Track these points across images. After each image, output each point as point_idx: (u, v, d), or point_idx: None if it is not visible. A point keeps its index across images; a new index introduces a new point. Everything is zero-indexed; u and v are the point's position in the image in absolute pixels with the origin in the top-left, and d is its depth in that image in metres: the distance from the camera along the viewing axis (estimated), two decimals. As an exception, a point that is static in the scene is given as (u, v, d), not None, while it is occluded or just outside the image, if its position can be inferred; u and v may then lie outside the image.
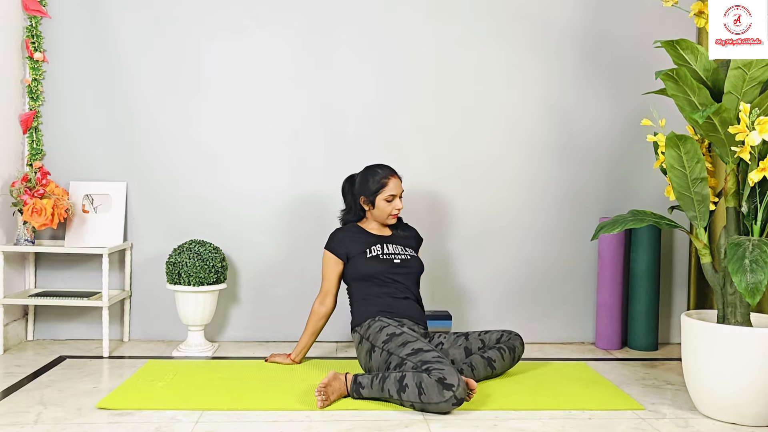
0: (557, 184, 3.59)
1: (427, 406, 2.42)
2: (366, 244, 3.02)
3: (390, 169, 3.06)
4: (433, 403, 2.41)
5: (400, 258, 3.01)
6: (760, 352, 2.34)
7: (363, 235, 3.06)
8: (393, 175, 3.04)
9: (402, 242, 3.10)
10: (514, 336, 2.94)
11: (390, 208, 3.02)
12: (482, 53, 3.55)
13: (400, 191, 3.03)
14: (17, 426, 2.29)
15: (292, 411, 2.46)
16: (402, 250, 3.05)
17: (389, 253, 3.01)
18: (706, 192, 2.53)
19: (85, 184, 3.45)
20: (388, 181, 3.01)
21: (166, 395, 2.60)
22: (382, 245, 3.03)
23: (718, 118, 2.40)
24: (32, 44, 3.39)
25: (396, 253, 3.02)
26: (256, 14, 3.47)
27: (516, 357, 2.92)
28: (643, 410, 2.55)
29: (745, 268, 2.24)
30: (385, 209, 3.02)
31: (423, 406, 2.43)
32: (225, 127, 3.49)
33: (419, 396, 2.41)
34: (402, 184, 3.06)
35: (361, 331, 2.87)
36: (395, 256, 3.01)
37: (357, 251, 3.00)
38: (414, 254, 3.08)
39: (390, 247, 3.04)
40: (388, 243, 3.05)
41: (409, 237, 3.16)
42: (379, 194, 3.00)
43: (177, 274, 3.19)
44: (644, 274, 3.44)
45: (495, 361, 2.85)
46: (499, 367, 2.87)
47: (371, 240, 3.04)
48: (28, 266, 3.46)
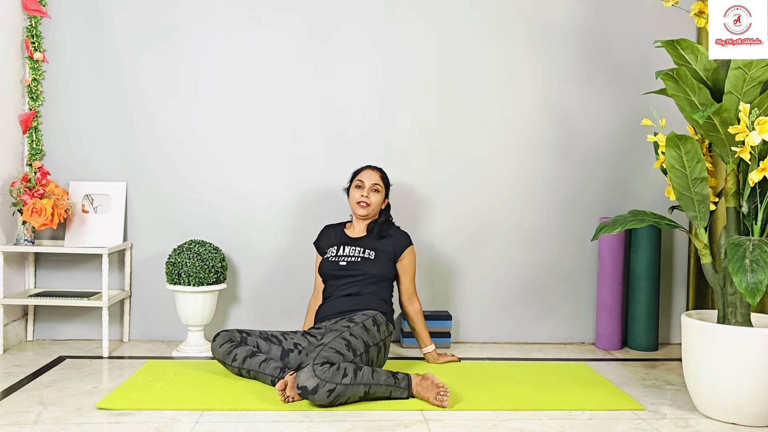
0: (557, 184, 3.59)
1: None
2: (332, 244, 3.15)
3: (373, 166, 3.20)
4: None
5: (347, 260, 3.06)
6: (760, 352, 2.34)
7: (338, 236, 3.19)
8: (372, 168, 3.17)
9: (369, 245, 3.09)
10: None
11: (357, 195, 3.11)
12: (482, 53, 3.54)
13: (371, 182, 3.11)
14: (17, 426, 2.29)
15: (292, 411, 2.46)
16: (360, 253, 3.06)
17: (341, 255, 3.08)
18: (707, 192, 2.53)
19: (85, 184, 3.45)
20: (363, 170, 3.15)
21: (165, 395, 2.60)
22: (342, 247, 3.11)
23: (719, 118, 2.40)
24: (32, 44, 3.39)
25: (348, 255, 3.07)
26: (255, 15, 3.47)
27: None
28: (643, 410, 2.55)
29: (745, 268, 2.24)
30: (353, 196, 3.13)
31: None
32: (225, 126, 3.49)
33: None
34: (381, 180, 3.14)
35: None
36: (344, 258, 3.07)
37: (324, 250, 3.18)
38: (372, 258, 3.05)
39: (348, 249, 3.09)
40: (351, 245, 3.11)
41: (387, 242, 3.12)
42: (353, 182, 3.15)
43: (177, 274, 3.19)
44: (644, 274, 3.44)
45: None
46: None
47: (338, 240, 3.16)
48: (27, 266, 3.46)
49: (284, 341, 2.84)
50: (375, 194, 3.11)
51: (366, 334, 2.72)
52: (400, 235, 3.16)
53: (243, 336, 2.82)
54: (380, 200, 3.13)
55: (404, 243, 3.14)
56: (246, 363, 2.73)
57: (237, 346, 2.77)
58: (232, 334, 2.82)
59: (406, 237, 3.16)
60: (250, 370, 2.72)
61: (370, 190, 3.10)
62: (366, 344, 2.69)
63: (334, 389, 2.40)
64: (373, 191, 3.11)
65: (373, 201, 3.11)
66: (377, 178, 3.13)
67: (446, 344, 3.44)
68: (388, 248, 3.11)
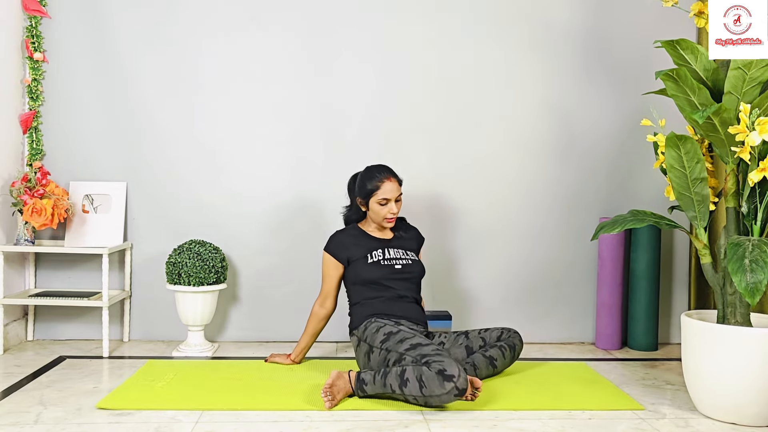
0: (557, 184, 3.59)
1: (429, 399, 2.42)
2: (367, 248, 2.97)
3: (388, 171, 2.98)
4: (435, 396, 2.40)
5: (401, 263, 2.97)
6: (760, 352, 2.34)
7: (364, 239, 3.01)
8: (389, 177, 2.95)
9: (403, 245, 3.06)
10: (514, 333, 2.94)
11: (384, 211, 2.93)
12: (482, 53, 3.55)
13: (395, 195, 2.93)
14: (17, 426, 2.29)
15: (292, 411, 2.46)
16: (403, 254, 3.01)
17: (390, 258, 2.96)
18: (706, 192, 2.53)
19: (85, 184, 3.45)
20: (382, 183, 2.92)
21: (165, 395, 2.60)
22: (384, 250, 2.98)
23: (718, 118, 2.40)
24: (32, 44, 3.39)
25: (397, 258, 2.98)
26: (255, 15, 3.47)
27: (516, 355, 2.92)
28: (643, 410, 2.55)
29: (745, 268, 2.24)
30: (379, 212, 2.94)
31: (425, 399, 2.43)
32: (225, 126, 3.49)
33: (420, 389, 2.41)
34: (400, 187, 2.98)
35: (359, 333, 2.87)
36: (396, 262, 2.96)
37: (358, 256, 2.96)
38: (415, 258, 3.04)
39: (391, 251, 2.99)
40: (390, 247, 3.00)
41: (411, 239, 3.12)
42: (373, 197, 2.93)
43: (177, 274, 3.19)
44: (644, 274, 3.44)
45: (496, 359, 2.85)
46: (500, 366, 2.87)
47: (372, 244, 2.99)
48: (28, 266, 3.46)
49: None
50: (399, 203, 2.98)
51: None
52: (414, 230, 3.17)
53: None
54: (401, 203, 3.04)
55: (420, 236, 3.17)
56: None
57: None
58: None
59: (418, 230, 3.19)
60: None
61: (395, 202, 2.96)
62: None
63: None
64: (396, 202, 2.96)
65: (399, 210, 3.00)
66: (398, 188, 2.95)
67: (446, 344, 3.44)
68: (414, 245, 3.10)
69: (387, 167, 3.01)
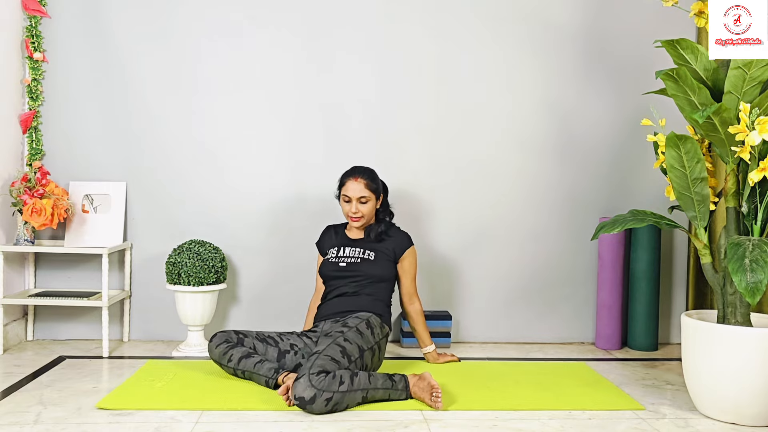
0: (557, 184, 3.59)
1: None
2: (332, 245, 3.14)
3: (360, 172, 3.05)
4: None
5: (347, 261, 3.04)
6: (760, 352, 2.34)
7: (339, 236, 3.17)
8: (356, 177, 3.03)
9: (374, 247, 3.07)
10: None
11: (346, 209, 3.06)
12: (482, 53, 3.54)
13: (356, 195, 3.01)
14: (17, 426, 2.29)
15: (292, 411, 2.45)
16: (359, 254, 3.04)
17: (340, 256, 3.06)
18: (706, 192, 2.53)
19: (85, 184, 3.45)
20: (347, 181, 3.05)
21: (165, 395, 2.60)
22: (342, 248, 3.09)
23: (718, 118, 2.40)
24: (32, 44, 3.39)
25: (346, 257, 3.05)
26: (255, 15, 3.47)
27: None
28: (643, 410, 2.55)
29: (745, 267, 2.24)
30: (344, 209, 3.08)
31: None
32: (225, 126, 3.49)
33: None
34: (368, 190, 3.02)
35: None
36: (342, 260, 3.05)
37: (326, 252, 3.15)
38: (371, 258, 3.04)
39: (347, 250, 3.07)
40: (351, 246, 3.09)
41: (388, 243, 3.10)
42: (341, 193, 3.09)
43: (177, 274, 3.19)
44: (644, 274, 3.44)
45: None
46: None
47: (339, 242, 3.14)
48: (27, 266, 3.46)
49: (281, 342, 2.83)
50: (364, 205, 3.04)
51: (360, 338, 2.70)
52: (400, 236, 3.14)
53: (240, 337, 2.81)
54: (372, 206, 3.07)
55: (405, 244, 3.13)
56: (241, 364, 2.72)
57: (233, 347, 2.76)
58: (229, 335, 2.81)
59: (407, 238, 3.15)
60: (245, 371, 2.71)
61: (358, 203, 3.03)
62: (360, 348, 2.67)
63: (332, 398, 2.39)
64: (361, 203, 3.03)
65: (364, 211, 3.04)
66: (362, 189, 3.02)
67: (446, 344, 3.44)
68: (388, 249, 3.09)
69: (360, 167, 3.10)
